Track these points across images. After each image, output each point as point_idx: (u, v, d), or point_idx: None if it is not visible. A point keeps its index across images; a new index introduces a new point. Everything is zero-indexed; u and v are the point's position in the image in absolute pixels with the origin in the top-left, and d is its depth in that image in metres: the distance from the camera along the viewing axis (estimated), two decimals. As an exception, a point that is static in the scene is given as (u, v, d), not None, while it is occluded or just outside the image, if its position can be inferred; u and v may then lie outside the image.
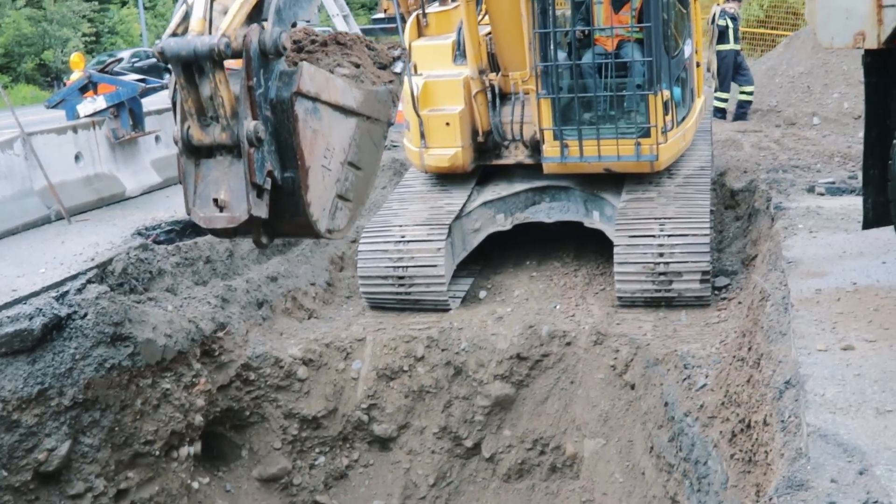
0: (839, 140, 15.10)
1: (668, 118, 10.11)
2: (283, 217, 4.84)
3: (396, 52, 5.73)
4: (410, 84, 10.35)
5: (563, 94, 10.09)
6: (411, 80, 10.37)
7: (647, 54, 9.85)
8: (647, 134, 9.97)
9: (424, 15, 11.16)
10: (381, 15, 26.95)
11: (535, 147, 10.63)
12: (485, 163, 10.88)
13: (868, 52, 6.68)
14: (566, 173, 10.50)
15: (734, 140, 15.04)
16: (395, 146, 15.71)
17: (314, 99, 4.73)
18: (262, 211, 4.65)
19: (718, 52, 17.30)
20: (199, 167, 4.68)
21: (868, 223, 7.07)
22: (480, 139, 10.72)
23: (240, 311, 9.84)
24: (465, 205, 10.67)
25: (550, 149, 10.17)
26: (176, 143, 4.66)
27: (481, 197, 10.77)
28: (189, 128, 4.56)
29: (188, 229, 10.77)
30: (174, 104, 4.63)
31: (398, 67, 5.62)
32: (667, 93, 10.02)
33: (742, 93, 17.66)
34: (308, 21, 5.23)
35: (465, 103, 10.53)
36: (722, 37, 17.31)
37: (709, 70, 17.58)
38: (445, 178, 10.99)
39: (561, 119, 10.07)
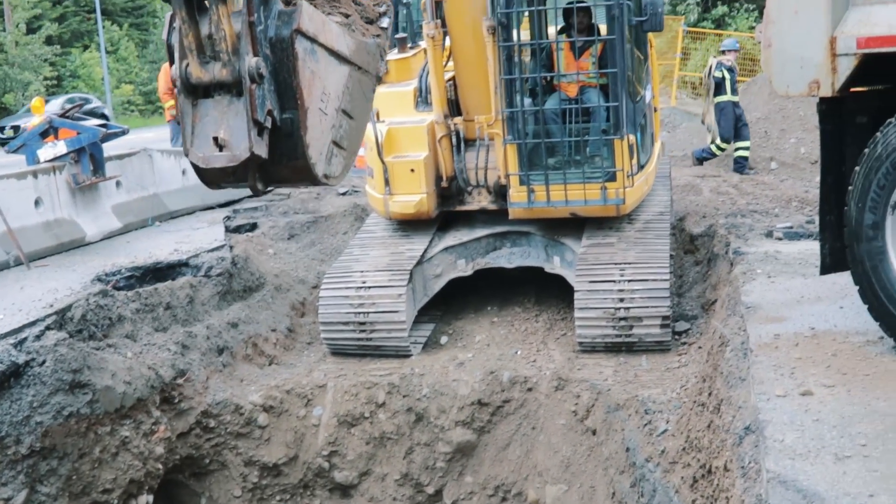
0: (796, 185, 15.29)
1: (633, 162, 10.24)
2: (281, 161, 4.76)
3: (382, 8, 5.74)
4: (375, 131, 10.40)
5: (531, 140, 10.16)
6: (375, 127, 10.41)
7: (613, 99, 9.96)
8: (613, 178, 10.06)
9: (384, 62, 11.19)
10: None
11: (498, 192, 10.67)
12: (448, 209, 10.89)
13: (823, 100, 6.78)
14: (527, 219, 10.53)
15: (693, 185, 15.18)
16: (356, 191, 15.75)
17: (312, 40, 4.70)
18: (262, 150, 4.58)
19: (717, 105, 17.19)
20: (196, 108, 4.60)
21: (825, 269, 7.15)
22: (444, 185, 10.74)
23: (200, 358, 9.77)
24: (426, 250, 10.68)
25: (517, 194, 10.22)
26: (174, 83, 4.58)
27: (442, 243, 10.79)
28: (188, 66, 4.48)
29: (148, 275, 10.72)
30: (170, 46, 4.56)
31: (384, 23, 5.65)
32: (632, 137, 10.16)
33: (738, 148, 17.42)
34: None
35: (430, 149, 10.56)
36: (719, 89, 17.22)
37: (703, 122, 17.58)
38: (407, 223, 11.00)
39: (527, 164, 10.12)
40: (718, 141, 17.35)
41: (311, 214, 14.10)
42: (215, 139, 4.54)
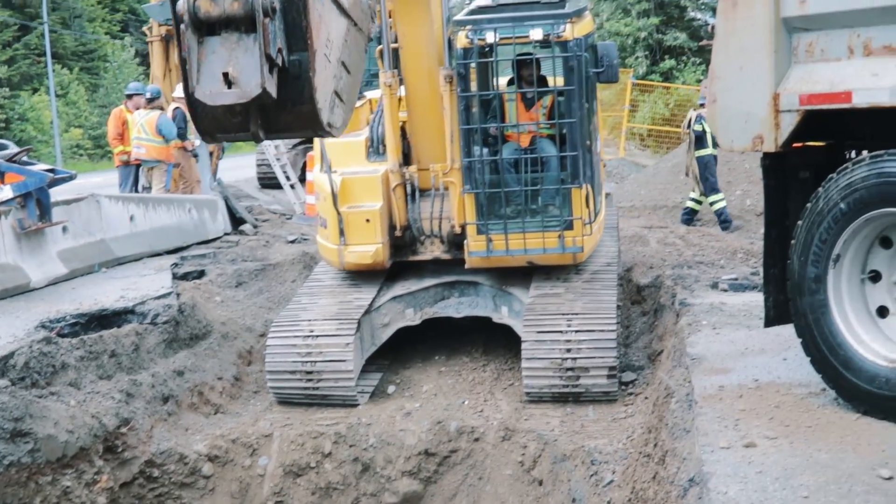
0: (742, 236, 15.47)
1: (589, 210, 10.37)
2: (286, 107, 4.72)
3: None
4: (331, 181, 10.40)
5: (490, 189, 10.23)
6: (330, 177, 10.41)
7: (571, 149, 10.11)
8: (570, 226, 10.18)
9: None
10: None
11: (452, 242, 10.71)
12: (402, 258, 10.89)
13: (766, 155, 6.90)
14: (477, 269, 10.57)
15: (641, 236, 15.30)
16: (305, 239, 15.72)
17: None
18: (272, 88, 4.54)
19: (699, 158, 16.92)
20: (202, 45, 4.56)
21: (769, 321, 7.24)
22: (398, 234, 10.74)
23: (145, 406, 9.67)
24: (374, 300, 10.67)
25: (475, 243, 10.27)
26: (181, 19, 4.54)
27: (391, 292, 10.78)
28: (196, 0, 4.45)
29: (94, 322, 10.60)
30: None
31: None
32: (588, 186, 10.27)
33: (713, 203, 17.13)
34: None
35: (384, 199, 10.57)
36: (700, 141, 16.92)
37: (686, 174, 17.49)
38: (356, 273, 10.98)
39: (485, 213, 10.18)
40: (706, 196, 17.10)
41: (260, 262, 14.04)
42: (225, 75, 4.48)
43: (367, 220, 10.52)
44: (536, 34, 10.01)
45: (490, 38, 10.00)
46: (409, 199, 10.73)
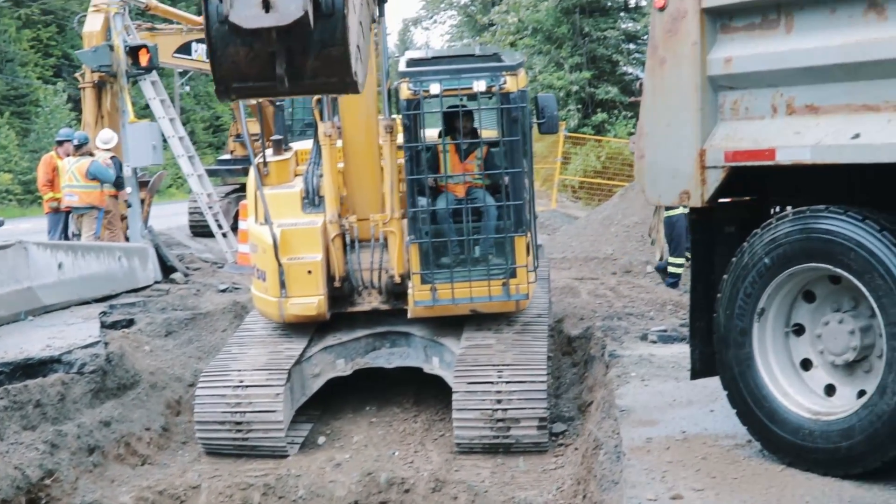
0: (671, 288, 15.63)
1: (531, 258, 10.53)
2: (314, 51, 4.58)
3: None
4: (272, 231, 10.37)
5: (437, 239, 10.34)
6: (272, 228, 10.38)
7: (515, 198, 10.25)
8: (514, 274, 10.28)
9: (265, 164, 11.20)
10: (228, 156, 27.22)
11: (391, 292, 10.72)
12: (340, 310, 10.85)
13: (693, 210, 7.02)
14: (409, 319, 10.58)
15: (572, 287, 15.42)
16: (237, 288, 15.64)
17: None
18: (310, 17, 4.41)
19: (668, 218, 16.42)
20: None
21: (696, 373, 7.34)
22: (337, 285, 10.71)
23: (70, 458, 9.51)
24: (305, 350, 10.62)
25: (420, 293, 10.29)
26: None
27: (322, 342, 10.75)
28: None
29: (18, 371, 10.43)
30: None
31: None
32: (529, 234, 10.47)
33: (672, 262, 16.55)
34: None
35: (324, 250, 10.57)
36: None
37: (650, 235, 17.44)
38: (288, 323, 10.93)
39: (430, 263, 10.24)
40: (672, 258, 16.78)
41: (190, 311, 13.94)
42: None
43: (309, 272, 10.50)
44: (480, 86, 10.15)
45: (434, 89, 10.10)
46: (350, 249, 10.73)
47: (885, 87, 5.77)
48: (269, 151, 11.52)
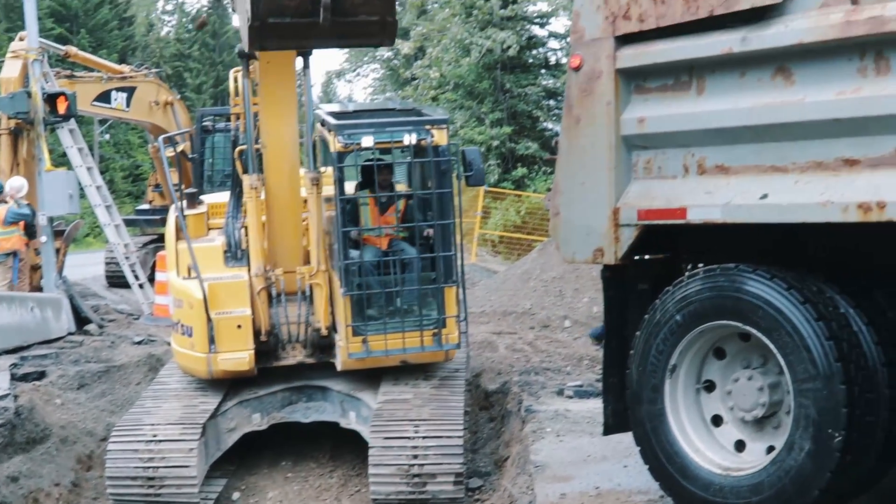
0: (588, 343, 15.73)
1: (460, 308, 10.61)
2: None
3: None
4: (202, 286, 10.26)
5: (372, 291, 10.36)
6: (202, 282, 10.28)
7: (445, 249, 10.36)
8: (444, 324, 10.34)
9: (184, 217, 11.10)
10: (146, 206, 26.95)
11: (316, 346, 10.67)
12: (266, 364, 10.74)
13: (607, 267, 7.11)
14: (326, 373, 10.55)
15: (490, 342, 15.46)
16: (152, 340, 15.44)
17: None
18: None
19: None
20: None
21: (609, 429, 7.40)
22: (263, 339, 10.62)
23: (-25, 514, 9.30)
24: (220, 404, 10.50)
25: (352, 345, 10.25)
26: None
27: (237, 396, 10.64)
28: None
29: (-76, 424, 10.19)
30: None
31: None
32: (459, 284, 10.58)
33: None
34: None
35: (251, 304, 10.49)
36: None
37: None
38: (216, 379, 10.75)
39: (363, 315, 10.24)
40: None
41: (104, 364, 13.72)
42: None
43: (239, 326, 10.41)
44: (410, 139, 10.24)
45: (367, 142, 10.18)
46: (275, 303, 10.67)
47: (791, 149, 5.93)
48: (185, 205, 11.43)
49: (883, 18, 5.35)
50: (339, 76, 58.49)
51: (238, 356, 10.41)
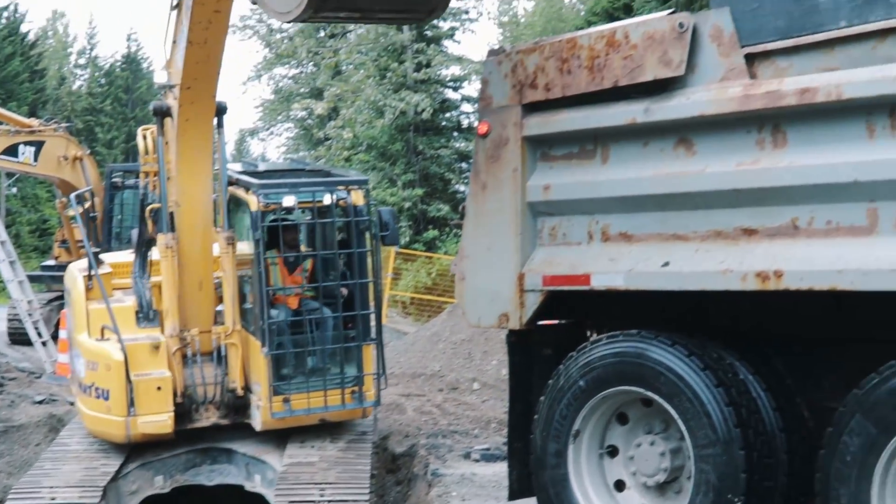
0: (497, 405, 15.74)
1: (377, 366, 10.76)
2: None
3: None
4: (122, 347, 10.08)
5: (293, 349, 10.45)
6: (122, 344, 10.10)
7: (364, 307, 10.57)
8: (362, 382, 10.52)
9: (90, 278, 10.92)
10: (52, 262, 26.47)
11: (231, 407, 10.55)
12: (182, 427, 10.52)
13: (512, 332, 7.15)
14: (232, 436, 10.44)
15: (398, 404, 15.38)
16: (53, 400, 15.10)
17: None
18: None
19: None
20: None
21: (514, 494, 7.40)
22: (178, 401, 10.43)
23: None
24: (122, 466, 10.28)
25: (275, 404, 10.21)
26: None
27: (140, 458, 10.43)
28: None
29: None
30: None
31: None
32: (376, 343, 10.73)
33: None
34: None
35: (168, 365, 10.33)
36: None
37: None
38: (135, 442, 10.51)
39: (286, 374, 10.33)
40: None
41: (3, 424, 13.37)
42: None
43: (159, 388, 10.21)
44: (329, 199, 10.34)
45: (288, 202, 10.24)
46: (190, 364, 10.52)
47: (693, 217, 6.05)
48: (84, 263, 11.27)
49: (780, 93, 5.51)
50: (253, 134, 58.24)
51: (158, 419, 10.20)
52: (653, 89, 6.14)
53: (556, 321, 7.34)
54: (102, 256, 12.04)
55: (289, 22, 6.43)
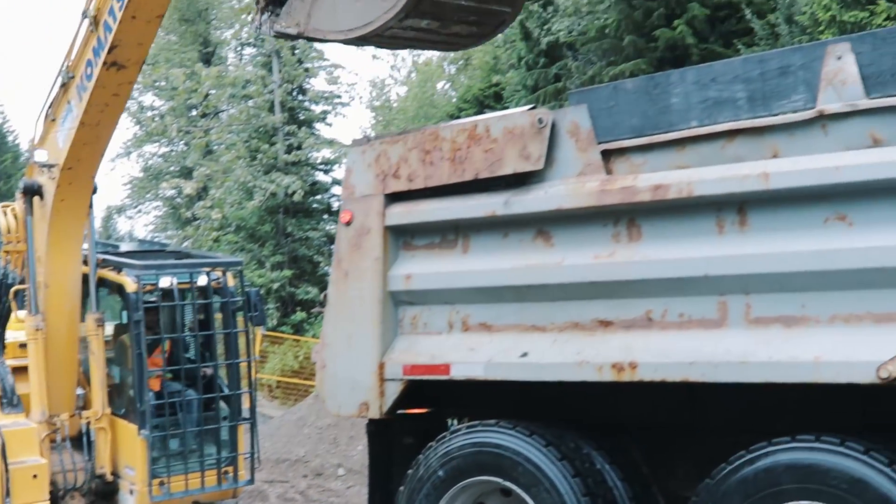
0: (362, 492, 15.53)
1: (251, 444, 10.80)
2: None
3: None
4: (1, 435, 9.72)
5: (174, 432, 10.35)
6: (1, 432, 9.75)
7: (235, 387, 10.73)
8: (235, 461, 10.60)
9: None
10: None
11: (98, 493, 10.25)
12: None
13: (372, 422, 7.11)
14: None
15: (261, 490, 15.14)
16: None
17: None
18: None
19: None
20: None
21: (374, 588, 7.31)
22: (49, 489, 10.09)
23: None
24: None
25: (156, 488, 10.07)
26: None
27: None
28: None
29: None
30: None
31: None
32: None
33: None
34: None
35: (41, 452, 9.98)
36: None
37: None
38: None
39: (162, 456, 10.19)
40: None
41: None
42: None
43: (35, 476, 9.84)
44: (202, 280, 10.27)
45: (164, 282, 10.16)
46: (59, 450, 10.19)
47: (551, 309, 6.12)
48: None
49: (634, 188, 5.64)
50: (120, 212, 57.31)
51: None
52: (513, 182, 6.23)
53: (417, 410, 7.31)
54: None
55: (359, 37, 6.28)
